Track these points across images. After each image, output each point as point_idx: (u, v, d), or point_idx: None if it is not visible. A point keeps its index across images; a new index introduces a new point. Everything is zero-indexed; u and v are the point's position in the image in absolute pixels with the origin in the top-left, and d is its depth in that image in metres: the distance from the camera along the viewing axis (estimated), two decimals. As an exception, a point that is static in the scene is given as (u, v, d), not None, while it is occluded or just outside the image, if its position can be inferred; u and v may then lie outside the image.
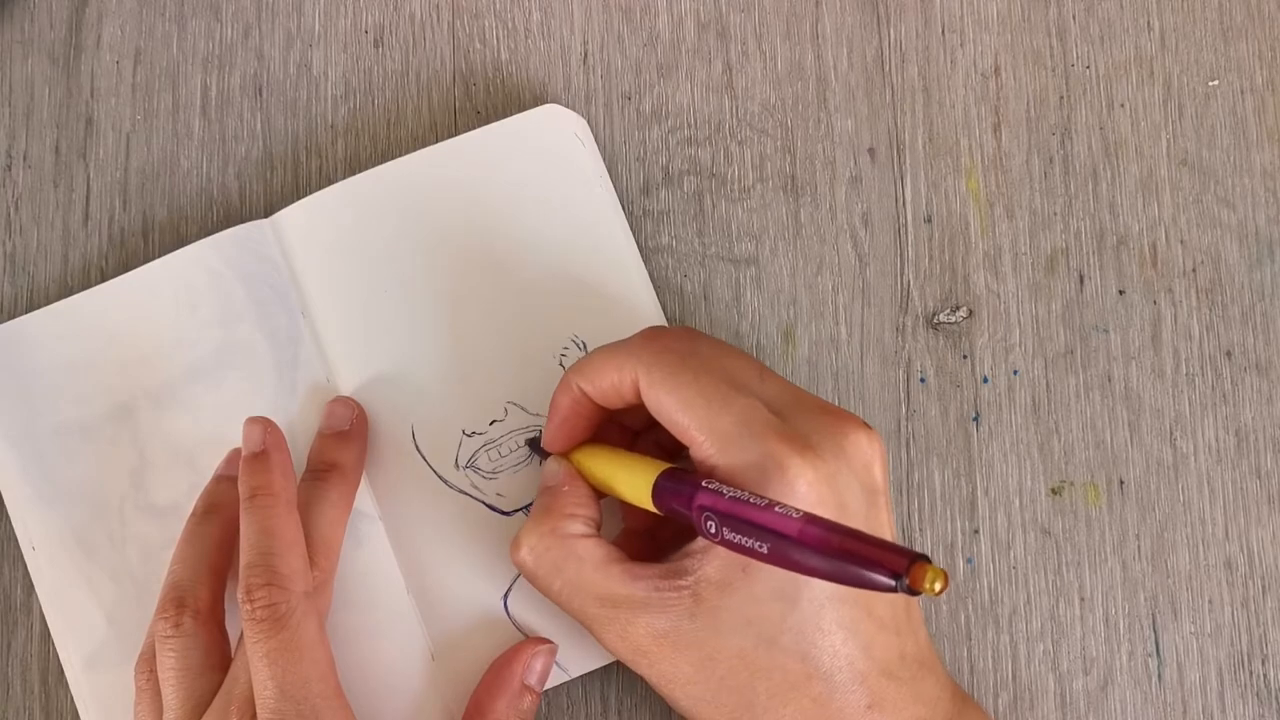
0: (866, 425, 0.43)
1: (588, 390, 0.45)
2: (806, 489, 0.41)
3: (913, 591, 0.34)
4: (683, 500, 0.41)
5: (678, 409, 0.43)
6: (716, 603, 0.42)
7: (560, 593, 0.45)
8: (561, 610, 0.46)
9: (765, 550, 0.38)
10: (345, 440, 0.49)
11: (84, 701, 0.49)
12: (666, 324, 0.51)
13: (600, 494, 0.46)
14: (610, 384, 0.44)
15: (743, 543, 0.39)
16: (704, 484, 0.41)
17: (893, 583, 0.35)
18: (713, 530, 0.40)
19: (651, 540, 0.48)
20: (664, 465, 0.43)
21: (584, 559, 0.44)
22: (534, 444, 0.49)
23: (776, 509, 0.38)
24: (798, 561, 0.37)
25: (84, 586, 0.49)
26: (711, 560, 0.42)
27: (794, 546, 0.37)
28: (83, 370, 0.51)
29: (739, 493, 0.40)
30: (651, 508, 0.43)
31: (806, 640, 0.41)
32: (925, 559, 0.35)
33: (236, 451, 0.49)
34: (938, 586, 0.34)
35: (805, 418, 0.43)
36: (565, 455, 0.47)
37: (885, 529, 0.43)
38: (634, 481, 0.44)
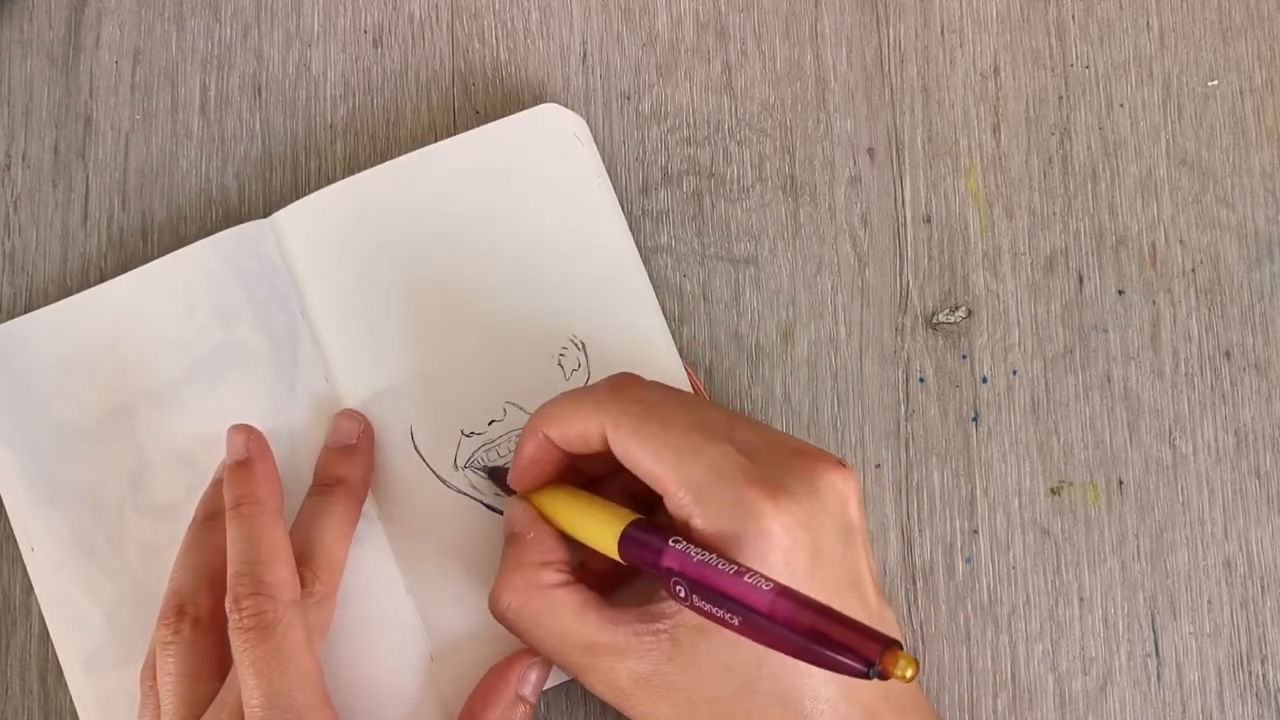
0: (840, 463, 0.43)
1: (554, 437, 0.45)
2: (782, 533, 0.40)
3: (883, 677, 0.34)
4: (649, 558, 0.41)
5: (648, 460, 0.42)
6: (694, 646, 0.42)
7: (542, 643, 0.45)
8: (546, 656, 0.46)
9: (737, 623, 0.38)
10: (351, 455, 0.49)
11: (83, 702, 0.49)
12: (667, 325, 0.51)
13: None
14: (577, 432, 0.44)
15: (713, 611, 0.38)
16: (671, 542, 0.40)
17: (864, 669, 0.35)
18: (682, 595, 0.39)
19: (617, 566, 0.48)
20: (630, 515, 0.43)
21: (560, 609, 0.44)
22: (494, 473, 0.49)
23: (747, 578, 0.38)
24: (768, 637, 0.37)
25: (83, 587, 0.49)
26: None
27: (765, 622, 0.37)
28: (82, 371, 0.51)
29: (707, 556, 0.39)
30: (618, 558, 0.43)
31: (786, 684, 0.41)
32: (897, 645, 0.34)
33: None
34: (909, 674, 0.34)
35: (777, 461, 0.42)
36: (528, 497, 0.47)
37: (864, 568, 0.43)
38: (599, 531, 0.43)
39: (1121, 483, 0.51)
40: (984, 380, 0.52)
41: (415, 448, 0.50)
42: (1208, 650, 0.50)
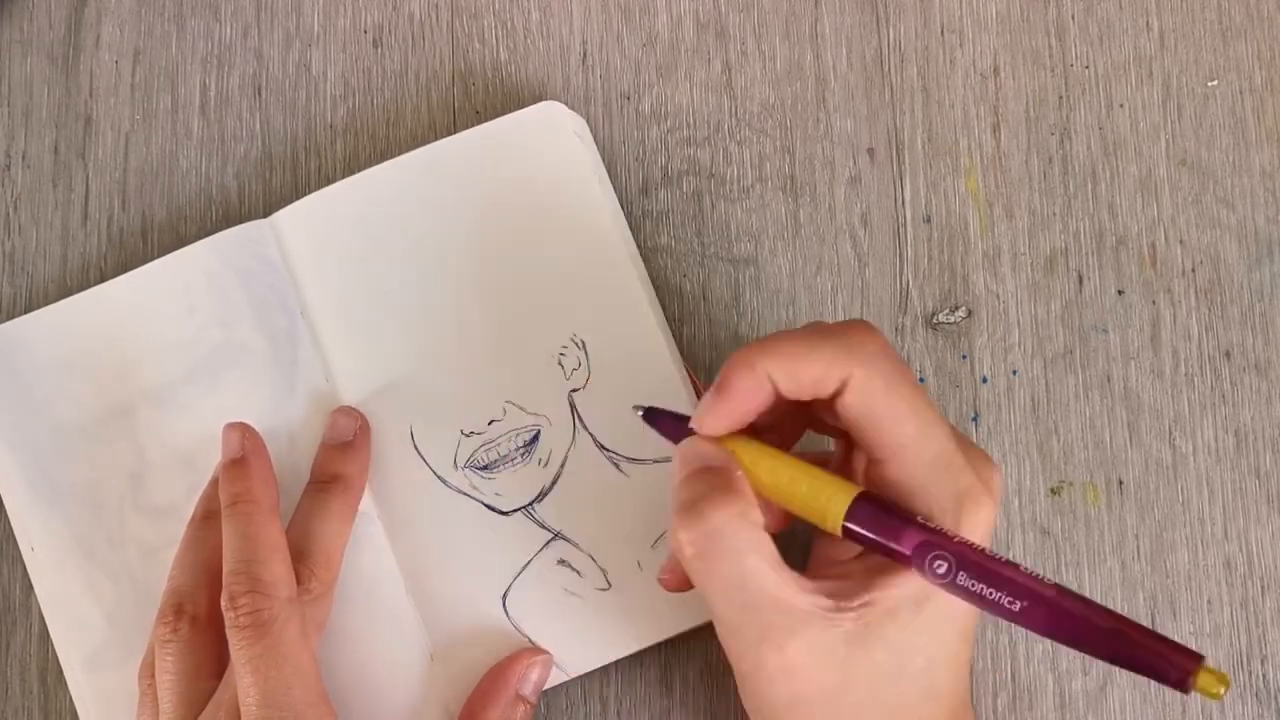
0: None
1: (778, 379, 0.41)
2: (987, 529, 0.40)
3: (1184, 690, 0.34)
4: (889, 533, 0.40)
5: (892, 422, 0.40)
6: (882, 630, 0.40)
7: (720, 583, 0.40)
8: (711, 603, 0.41)
9: (1017, 608, 0.38)
10: (348, 451, 0.49)
11: (83, 702, 0.49)
12: (668, 328, 0.51)
13: None
14: (812, 376, 0.40)
15: (987, 594, 0.38)
16: (919, 520, 0.40)
17: (1183, 678, 0.35)
18: (942, 572, 0.39)
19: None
20: (851, 486, 0.41)
21: (760, 554, 0.40)
22: (652, 414, 0.46)
23: (1023, 570, 0.38)
24: (1062, 626, 0.37)
25: (83, 587, 0.49)
26: (890, 589, 0.40)
27: (1057, 612, 0.37)
28: (81, 371, 0.51)
29: (969, 542, 0.39)
30: (827, 527, 0.41)
31: (933, 673, 0.41)
32: (1201, 657, 0.35)
33: None
34: (1221, 691, 0.34)
35: (973, 453, 0.42)
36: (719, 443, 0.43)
37: None
38: (815, 496, 0.41)
39: (1121, 483, 0.51)
40: (984, 380, 0.52)
41: (415, 447, 0.50)
42: (1208, 650, 0.50)
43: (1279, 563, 0.50)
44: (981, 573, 0.38)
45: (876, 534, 0.40)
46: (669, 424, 0.45)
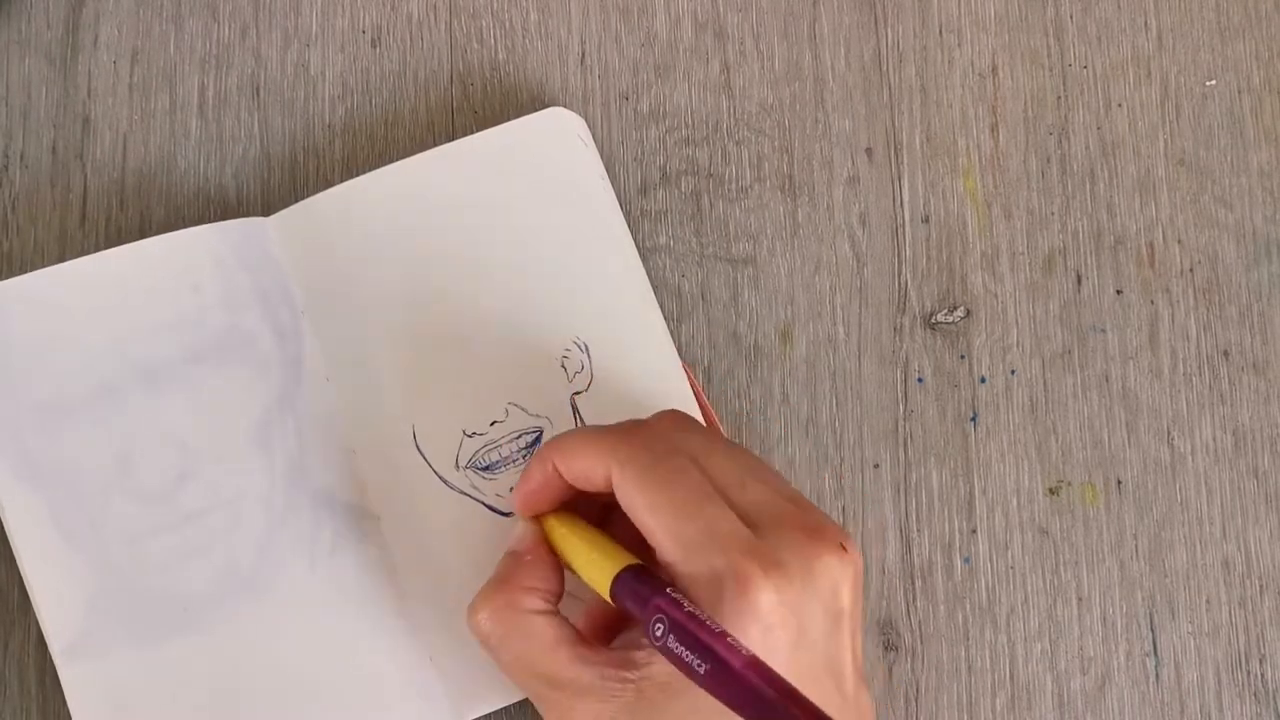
0: (843, 546, 0.42)
1: (562, 470, 0.45)
2: (767, 609, 0.40)
3: None
4: (637, 600, 0.41)
5: (645, 511, 0.42)
6: (657, 703, 0.41)
7: (508, 666, 0.44)
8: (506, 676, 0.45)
9: (703, 671, 0.38)
10: None
11: (68, 689, 0.47)
12: (668, 331, 0.51)
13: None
14: (582, 470, 0.44)
15: (683, 656, 0.38)
16: (668, 591, 0.40)
17: None
18: (659, 634, 0.39)
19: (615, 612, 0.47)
20: (630, 560, 0.43)
21: (533, 637, 0.43)
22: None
23: (728, 639, 0.38)
24: (730, 693, 0.37)
25: (63, 573, 0.47)
26: (662, 659, 0.41)
27: (731, 679, 0.37)
28: (64, 344, 0.49)
29: (698, 611, 0.39)
30: (607, 596, 0.43)
31: None
32: None
33: None
34: None
35: (780, 534, 0.42)
36: (537, 520, 0.47)
37: (846, 654, 0.42)
38: (596, 569, 0.43)
39: (1120, 482, 0.51)
40: (982, 380, 0.52)
41: (417, 447, 0.50)
42: (1206, 650, 0.50)
43: (1277, 562, 0.50)
44: (686, 636, 0.39)
45: (630, 600, 0.41)
46: None
